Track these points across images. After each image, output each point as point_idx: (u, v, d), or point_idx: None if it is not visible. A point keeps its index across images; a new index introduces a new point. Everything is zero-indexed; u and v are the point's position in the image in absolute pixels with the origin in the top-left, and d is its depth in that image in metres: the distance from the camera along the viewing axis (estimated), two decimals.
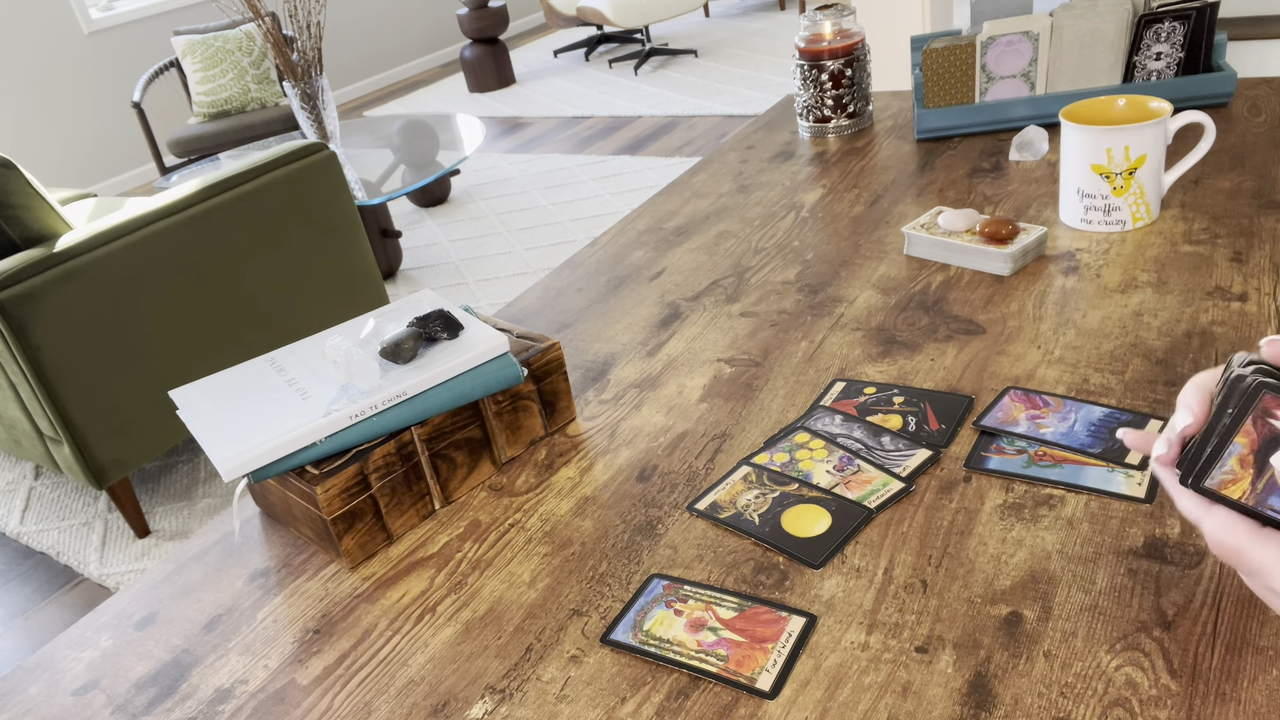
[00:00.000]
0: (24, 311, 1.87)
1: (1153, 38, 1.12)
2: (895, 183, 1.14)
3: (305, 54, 3.03)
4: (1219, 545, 0.44)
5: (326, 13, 5.97)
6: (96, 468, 2.05)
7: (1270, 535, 0.43)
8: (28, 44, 4.68)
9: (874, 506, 0.64)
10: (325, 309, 2.45)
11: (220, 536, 0.74)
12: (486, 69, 5.74)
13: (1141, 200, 0.91)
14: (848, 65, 1.27)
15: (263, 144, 3.59)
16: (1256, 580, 0.43)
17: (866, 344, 0.83)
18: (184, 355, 2.15)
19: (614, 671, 0.55)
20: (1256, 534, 0.43)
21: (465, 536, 0.69)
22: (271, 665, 0.61)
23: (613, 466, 0.73)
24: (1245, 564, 0.43)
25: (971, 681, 0.51)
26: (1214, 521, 0.44)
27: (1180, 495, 0.46)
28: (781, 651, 0.54)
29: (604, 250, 1.12)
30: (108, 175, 5.09)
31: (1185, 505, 0.46)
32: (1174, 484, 0.47)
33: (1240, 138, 1.06)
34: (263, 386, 0.72)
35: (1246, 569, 0.43)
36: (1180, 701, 0.48)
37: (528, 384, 0.75)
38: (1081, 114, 0.95)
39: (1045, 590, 0.55)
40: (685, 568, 0.62)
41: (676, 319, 0.93)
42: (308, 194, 2.34)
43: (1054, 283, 0.86)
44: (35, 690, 0.63)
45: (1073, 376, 0.73)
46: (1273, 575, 0.42)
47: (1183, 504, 0.46)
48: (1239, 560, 0.43)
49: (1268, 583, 0.42)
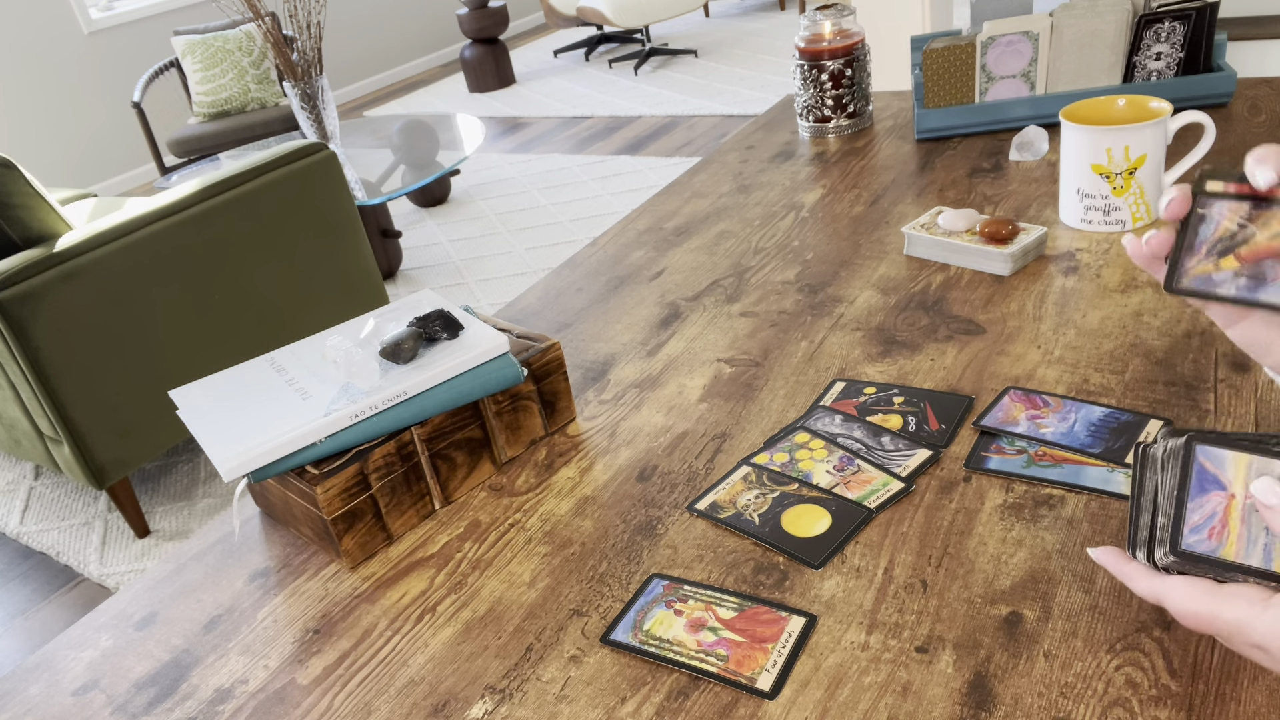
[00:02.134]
0: (24, 311, 1.86)
1: (1153, 38, 1.12)
2: (895, 183, 1.14)
3: (305, 54, 3.03)
4: (1187, 617, 0.42)
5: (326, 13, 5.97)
6: (96, 468, 2.05)
7: (1234, 591, 0.41)
8: (27, 44, 4.67)
9: (874, 506, 0.64)
10: (325, 309, 2.45)
11: (220, 536, 0.74)
12: (486, 69, 5.74)
13: (1141, 200, 0.91)
14: (848, 65, 1.27)
15: (263, 144, 3.59)
16: (1236, 640, 0.41)
17: (866, 344, 0.83)
18: (184, 355, 2.15)
19: (614, 671, 0.55)
20: (1219, 595, 0.41)
21: (465, 536, 0.69)
22: (271, 665, 0.61)
23: (613, 466, 0.73)
24: (1220, 629, 0.41)
25: (971, 681, 0.51)
26: (1175, 595, 0.43)
27: (1134, 577, 0.45)
28: (781, 651, 0.54)
29: (604, 250, 1.12)
30: (108, 175, 5.09)
31: (1140, 586, 0.45)
32: (1121, 564, 0.46)
33: (1240, 138, 1.06)
34: (263, 386, 0.72)
35: (1223, 633, 0.42)
36: (1180, 701, 0.48)
37: (528, 384, 0.75)
38: (1081, 114, 0.95)
39: (1045, 590, 0.55)
40: (685, 568, 0.62)
41: (676, 319, 0.93)
42: (308, 194, 2.34)
43: (1054, 283, 0.86)
44: (35, 690, 0.63)
45: (1073, 376, 0.73)
46: (1251, 631, 0.40)
47: (1137, 585, 0.45)
48: (1213, 627, 0.42)
49: (1248, 639, 0.41)
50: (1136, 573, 0.45)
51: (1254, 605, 0.40)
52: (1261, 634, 0.40)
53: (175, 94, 5.32)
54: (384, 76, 6.49)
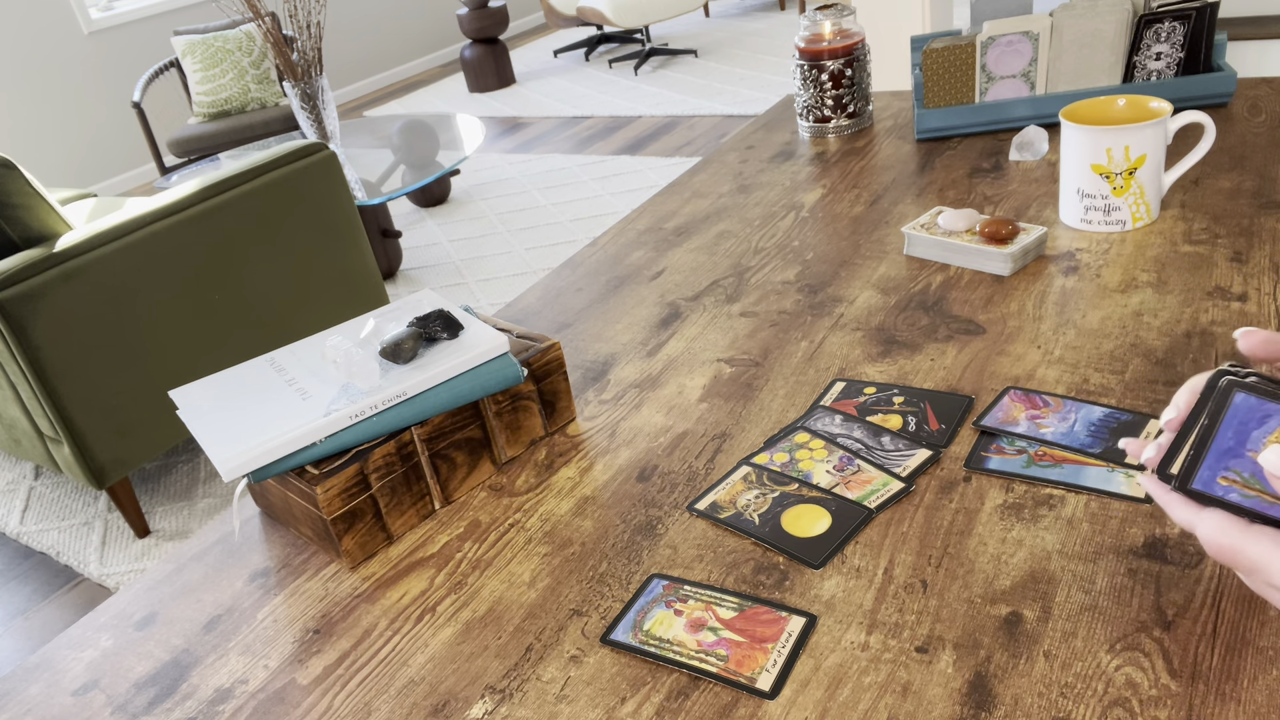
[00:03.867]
0: (24, 311, 1.86)
1: (1153, 38, 1.12)
2: (895, 183, 1.14)
3: (305, 54, 3.03)
4: (1214, 547, 0.44)
5: (326, 13, 5.97)
6: (96, 468, 2.05)
7: (1263, 531, 0.43)
8: (28, 44, 4.67)
9: (874, 506, 0.64)
10: (325, 309, 2.45)
11: (220, 536, 0.74)
12: (486, 69, 5.74)
13: (1141, 200, 0.91)
14: (848, 65, 1.27)
15: (263, 144, 3.59)
16: (1256, 578, 0.43)
17: (866, 344, 0.83)
18: (184, 355, 2.15)
19: (614, 671, 0.55)
20: (1249, 531, 0.43)
21: (465, 536, 0.69)
22: (271, 665, 0.61)
23: (613, 466, 0.73)
24: (1242, 562, 0.43)
25: (971, 681, 0.51)
26: (1207, 524, 0.44)
27: (1171, 503, 0.46)
28: (781, 651, 0.54)
29: (604, 250, 1.12)
30: (108, 175, 5.09)
31: (1177, 513, 0.46)
32: (1163, 492, 0.47)
33: (1240, 138, 1.06)
34: (263, 386, 0.72)
35: (1244, 567, 0.43)
36: (1180, 701, 0.48)
37: (528, 384, 0.75)
38: (1081, 114, 0.95)
39: (1045, 590, 0.55)
40: (685, 568, 0.62)
41: (676, 319, 0.93)
42: (308, 194, 2.34)
43: (1054, 283, 0.86)
44: (35, 690, 0.63)
45: (1073, 376, 0.73)
46: (1270, 569, 0.42)
47: (1174, 512, 0.46)
48: (1235, 559, 0.43)
49: (1266, 578, 0.42)
50: (1175, 502, 0.46)
51: (1279, 547, 0.42)
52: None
53: (175, 94, 5.33)
54: (384, 76, 6.49)
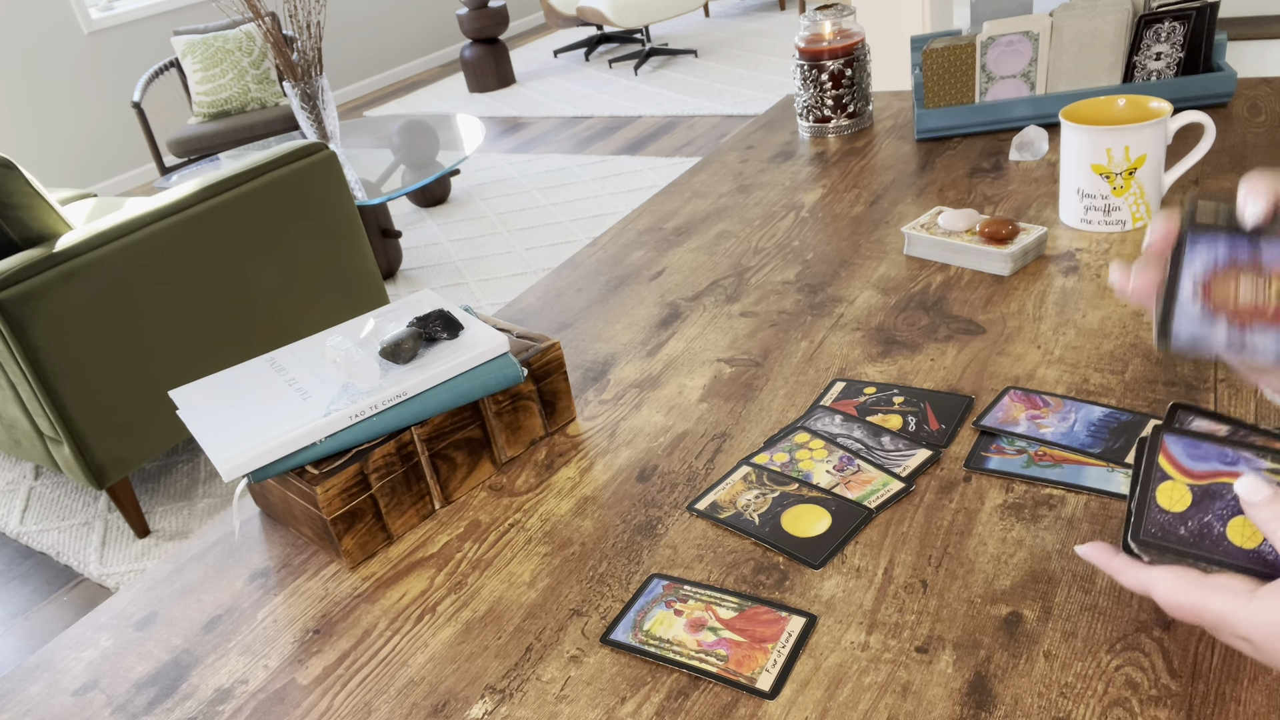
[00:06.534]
0: (24, 311, 1.86)
1: (1153, 38, 1.12)
2: (895, 183, 1.14)
3: (305, 54, 3.03)
4: (1175, 608, 0.42)
5: (326, 13, 5.96)
6: (96, 468, 2.05)
7: (1220, 583, 0.41)
8: (28, 44, 4.67)
9: (874, 506, 0.64)
10: (325, 309, 2.45)
11: (220, 536, 0.74)
12: (486, 69, 5.74)
13: (1141, 200, 0.91)
14: (848, 65, 1.27)
15: (263, 144, 3.59)
16: (1223, 632, 0.41)
17: (866, 344, 0.83)
18: (184, 355, 2.15)
19: (614, 671, 0.55)
20: (1205, 585, 0.41)
21: (465, 536, 0.69)
22: (271, 665, 0.61)
23: (613, 466, 0.73)
24: (1207, 620, 0.41)
25: (971, 681, 0.51)
26: (1162, 586, 0.42)
27: (1121, 570, 0.44)
28: (781, 651, 0.54)
29: (604, 250, 1.12)
30: (108, 175, 5.09)
31: (1128, 579, 0.44)
32: (1108, 559, 0.45)
33: (1240, 138, 1.06)
34: (263, 386, 0.72)
35: (1208, 624, 0.41)
36: (1180, 701, 0.48)
37: (528, 384, 0.75)
38: (1081, 114, 0.95)
39: (1045, 590, 0.55)
40: (685, 568, 0.62)
41: (676, 319, 0.93)
42: (308, 194, 2.33)
43: (1054, 283, 0.86)
44: (35, 690, 0.63)
45: (1073, 376, 0.73)
46: (1237, 623, 0.40)
47: (1125, 579, 0.44)
48: (1199, 617, 0.41)
49: (1234, 631, 0.40)
50: (1124, 566, 0.44)
51: (1239, 597, 0.40)
52: (1246, 626, 0.40)
53: (175, 94, 5.32)
54: (384, 76, 6.48)
